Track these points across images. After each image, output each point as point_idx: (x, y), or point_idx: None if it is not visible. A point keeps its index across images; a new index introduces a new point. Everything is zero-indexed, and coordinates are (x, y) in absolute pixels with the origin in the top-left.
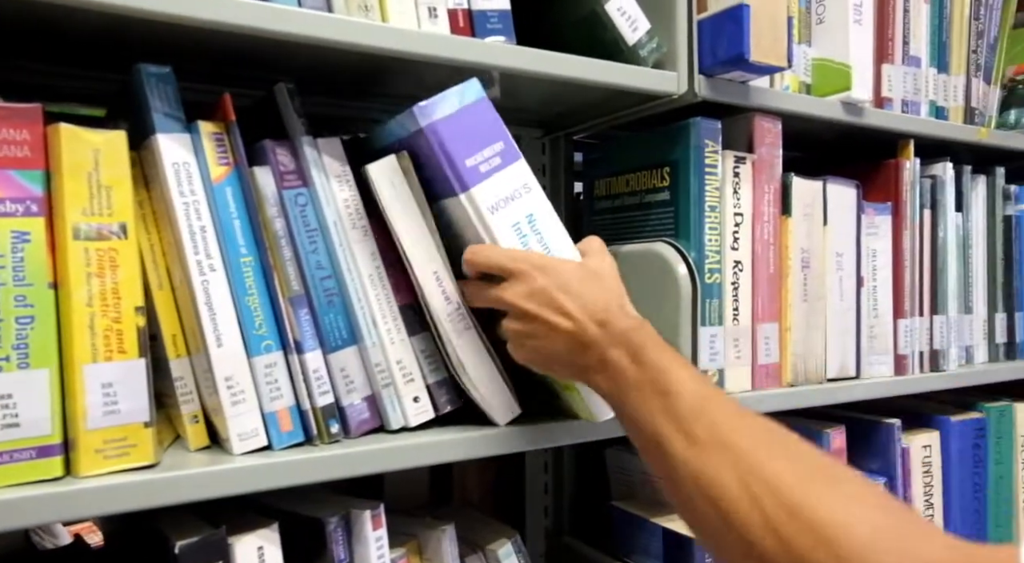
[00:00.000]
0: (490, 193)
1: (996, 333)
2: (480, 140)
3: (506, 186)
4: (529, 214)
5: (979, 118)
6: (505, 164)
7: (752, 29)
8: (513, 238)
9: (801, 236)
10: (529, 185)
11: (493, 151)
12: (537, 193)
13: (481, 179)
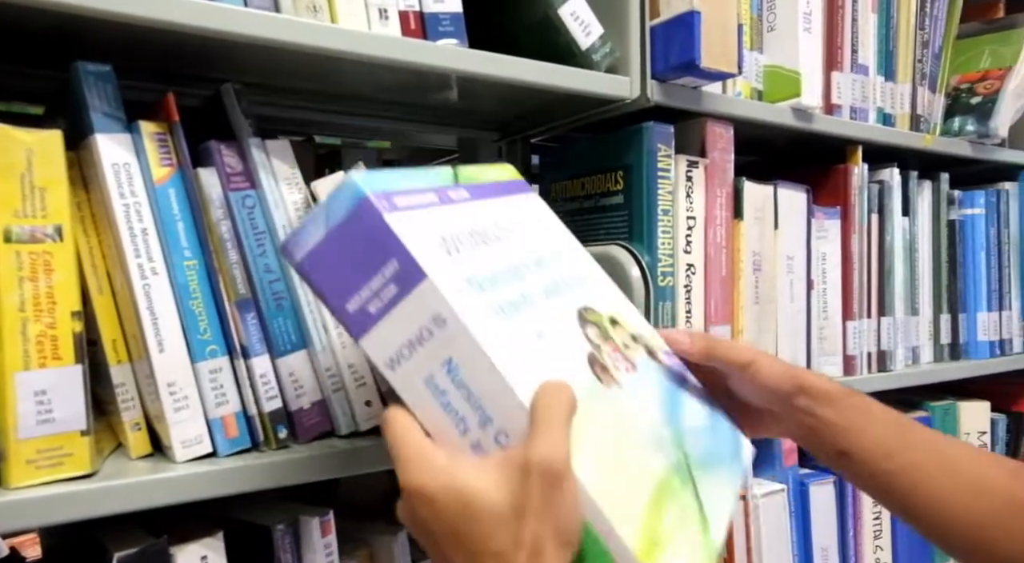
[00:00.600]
0: (386, 341)
1: (941, 334)
2: (363, 269)
3: (407, 326)
4: (447, 360)
5: (924, 125)
6: (404, 293)
7: (703, 36)
8: (431, 402)
9: (753, 239)
10: (443, 315)
11: (383, 279)
12: (455, 324)
13: (372, 324)
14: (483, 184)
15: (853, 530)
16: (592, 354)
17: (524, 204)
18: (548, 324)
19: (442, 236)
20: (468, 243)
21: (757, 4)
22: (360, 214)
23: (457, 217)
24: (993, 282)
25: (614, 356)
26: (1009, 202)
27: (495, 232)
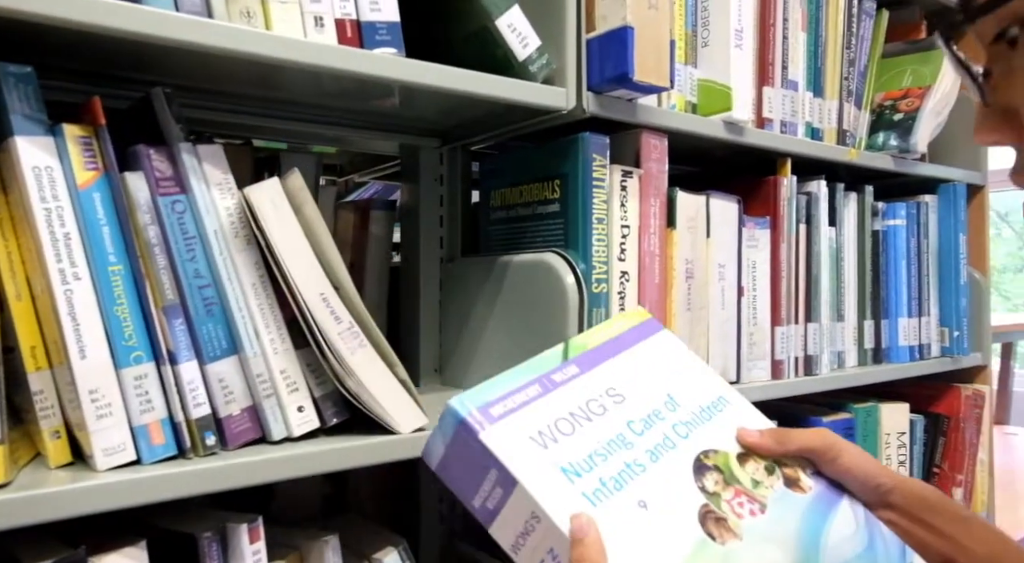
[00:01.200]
0: (506, 531)
1: (865, 339)
2: (476, 476)
3: (517, 520)
4: (549, 549)
5: (850, 139)
6: (507, 495)
7: (636, 50)
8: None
9: (685, 248)
10: (536, 513)
11: (491, 483)
12: (547, 521)
13: (493, 517)
14: (598, 347)
15: None
16: (705, 508)
17: (648, 351)
18: (654, 489)
19: (538, 431)
20: (566, 428)
21: (692, 20)
22: (461, 435)
23: (559, 402)
24: (913, 290)
25: (736, 502)
26: (929, 214)
27: (602, 403)
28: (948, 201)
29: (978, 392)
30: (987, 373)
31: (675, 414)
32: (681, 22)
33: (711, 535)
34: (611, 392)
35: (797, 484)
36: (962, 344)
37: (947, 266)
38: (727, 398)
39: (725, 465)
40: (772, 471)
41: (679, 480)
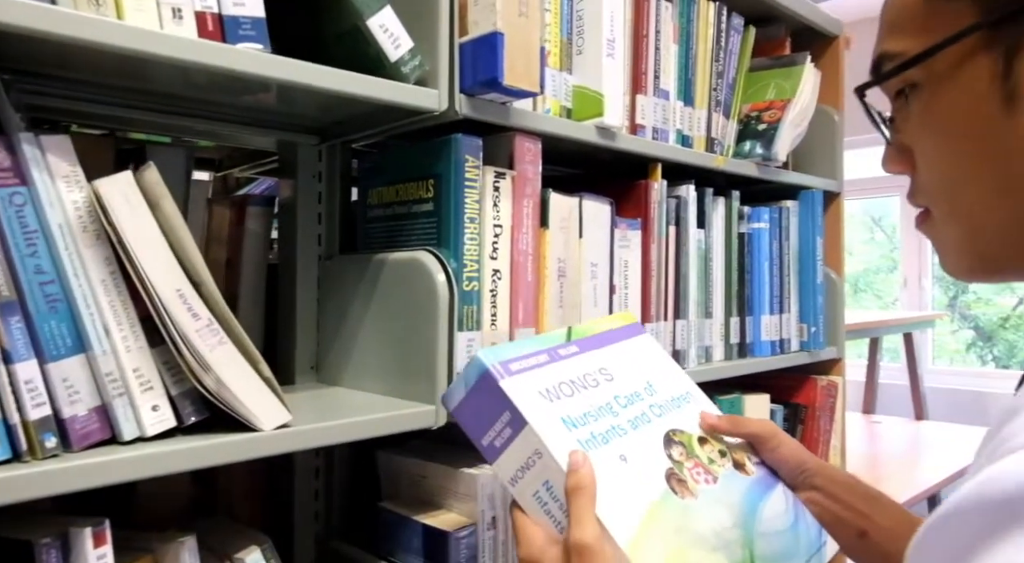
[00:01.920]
0: (507, 467)
1: (731, 334)
2: (489, 417)
3: (519, 457)
4: (544, 481)
5: (718, 147)
6: (515, 434)
7: (507, 56)
8: (537, 508)
9: (558, 247)
10: (539, 450)
11: (502, 424)
12: (548, 456)
13: (498, 454)
14: (594, 336)
15: None
16: (671, 470)
17: (633, 347)
18: (632, 449)
19: (546, 388)
20: (567, 390)
21: (567, 28)
22: (483, 382)
23: (562, 370)
24: (775, 289)
25: (694, 471)
26: (790, 218)
27: (595, 378)
28: (807, 207)
29: (832, 383)
30: (841, 365)
31: (652, 398)
32: (557, 30)
33: (674, 490)
34: (603, 371)
35: (743, 468)
36: (819, 339)
37: (806, 267)
38: (692, 394)
39: (688, 443)
40: (724, 454)
41: (652, 446)
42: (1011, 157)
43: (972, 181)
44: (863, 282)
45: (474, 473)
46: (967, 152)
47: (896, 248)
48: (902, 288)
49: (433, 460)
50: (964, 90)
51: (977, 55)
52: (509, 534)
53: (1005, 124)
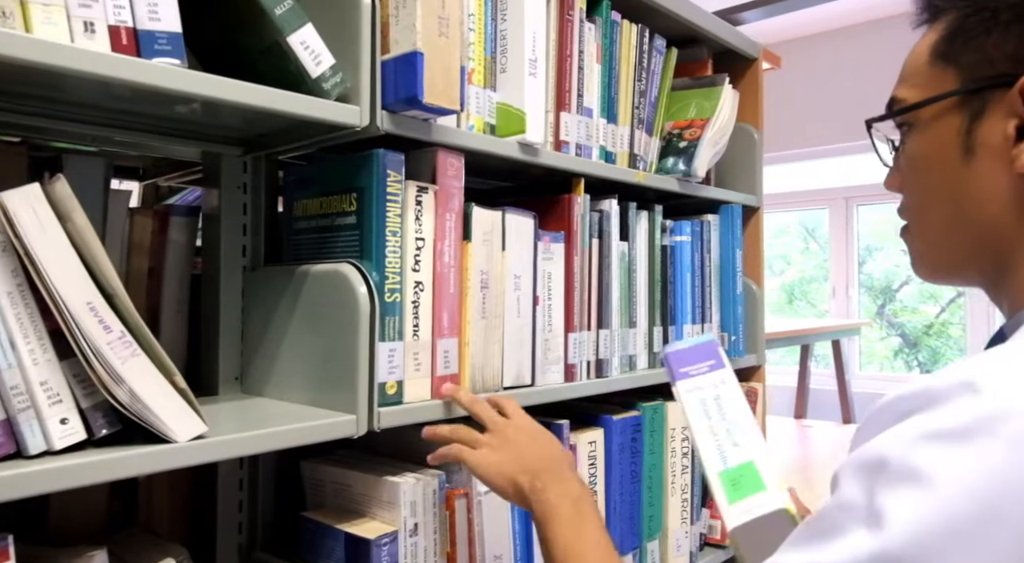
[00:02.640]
0: (691, 386)
1: (654, 343)
2: (696, 360)
3: (706, 382)
4: (716, 396)
5: (641, 163)
6: (712, 370)
7: (426, 74)
8: (699, 410)
9: (481, 260)
10: (726, 380)
11: (706, 364)
12: (731, 382)
13: (688, 378)
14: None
15: None
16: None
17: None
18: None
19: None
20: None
21: (491, 47)
22: (706, 344)
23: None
24: (697, 299)
25: None
26: (712, 231)
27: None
28: (727, 220)
29: (752, 389)
30: (762, 372)
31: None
32: (480, 48)
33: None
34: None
35: None
36: (739, 347)
37: (726, 278)
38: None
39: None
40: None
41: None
42: (962, 197)
43: (933, 209)
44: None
45: (396, 481)
46: (933, 186)
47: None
48: (831, 297)
49: (357, 469)
50: (937, 137)
51: (952, 113)
52: (431, 540)
53: (961, 171)
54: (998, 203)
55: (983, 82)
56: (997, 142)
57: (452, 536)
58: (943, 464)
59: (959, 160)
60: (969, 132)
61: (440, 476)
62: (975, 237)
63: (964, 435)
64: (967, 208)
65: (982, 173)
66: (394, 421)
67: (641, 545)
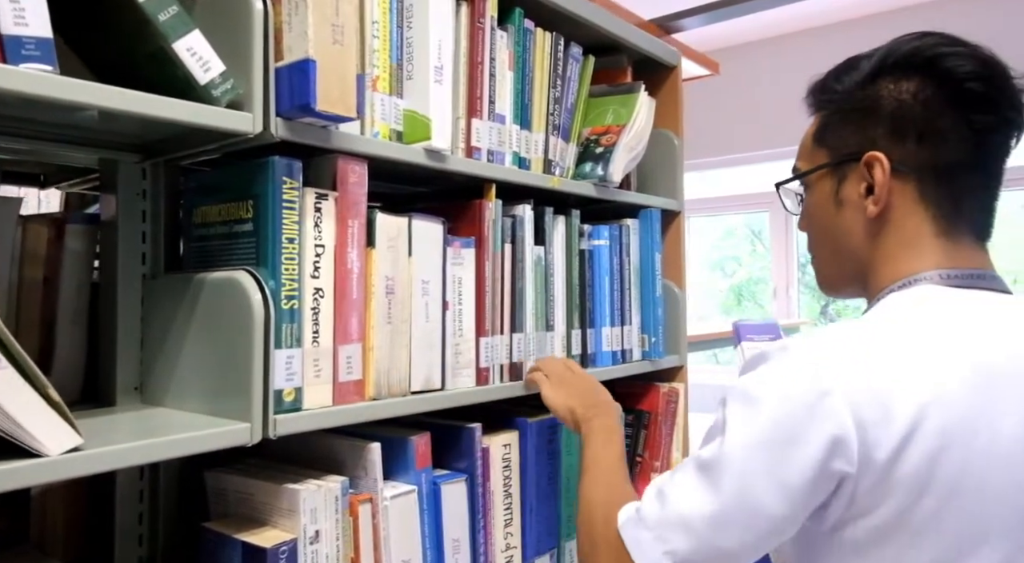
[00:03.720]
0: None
1: (572, 346)
2: (761, 333)
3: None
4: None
5: (556, 168)
6: (771, 340)
7: (320, 82)
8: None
9: (386, 266)
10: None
11: (767, 336)
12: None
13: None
14: None
15: (484, 521)
16: None
17: None
18: None
19: None
20: None
21: (397, 54)
22: (773, 323)
23: None
24: (616, 302)
25: None
26: (631, 235)
27: None
28: (647, 224)
29: (673, 389)
30: (684, 372)
31: None
32: (386, 55)
33: None
34: None
35: None
36: (659, 348)
37: (646, 281)
38: None
39: None
40: None
41: None
42: (838, 235)
43: (822, 245)
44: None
45: (296, 488)
46: (820, 229)
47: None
48: (773, 298)
49: (259, 477)
50: (820, 195)
51: (826, 178)
52: (333, 547)
53: (835, 218)
54: (859, 238)
55: (842, 158)
56: (855, 198)
57: (356, 542)
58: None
59: (834, 211)
60: (837, 192)
61: (343, 482)
62: (849, 262)
63: (750, 386)
64: (842, 243)
65: (847, 219)
66: (292, 428)
67: (559, 545)
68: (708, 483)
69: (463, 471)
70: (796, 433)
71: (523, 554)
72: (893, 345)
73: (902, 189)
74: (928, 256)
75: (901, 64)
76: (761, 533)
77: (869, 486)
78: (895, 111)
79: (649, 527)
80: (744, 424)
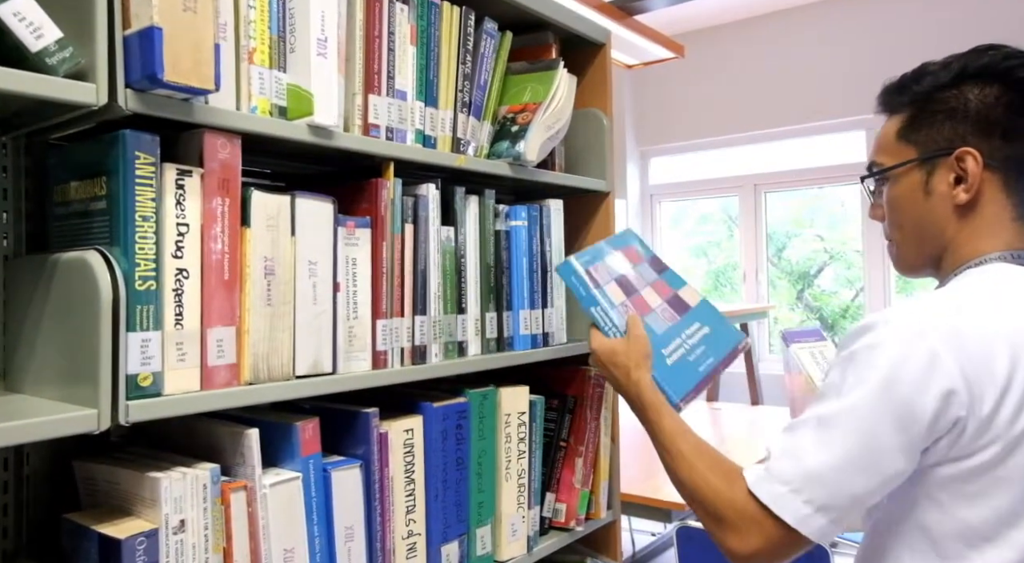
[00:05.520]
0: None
1: (487, 329)
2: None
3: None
4: (821, 351)
5: (465, 147)
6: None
7: (170, 51)
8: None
9: (265, 246)
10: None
11: (812, 339)
12: (830, 348)
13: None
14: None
15: (381, 508)
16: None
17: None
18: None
19: None
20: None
21: (278, 26)
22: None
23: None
24: (536, 284)
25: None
26: (552, 216)
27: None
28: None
29: (600, 374)
30: None
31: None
32: (264, 26)
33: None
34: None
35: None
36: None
37: None
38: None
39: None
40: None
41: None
42: (924, 222)
43: (905, 232)
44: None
45: (157, 476)
46: (905, 217)
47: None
48: (743, 282)
49: (125, 466)
50: (906, 186)
51: (914, 171)
52: (201, 536)
53: (924, 206)
54: (944, 223)
55: (933, 153)
56: (943, 188)
57: (228, 530)
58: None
59: (922, 200)
60: (927, 183)
61: (213, 469)
62: (931, 245)
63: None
64: (928, 229)
65: (936, 207)
66: (149, 414)
67: (469, 531)
68: (832, 436)
69: (359, 457)
70: (915, 388)
71: (428, 540)
72: (981, 312)
73: (990, 179)
74: (1002, 237)
75: (982, 73)
76: (887, 475)
77: (973, 433)
78: (980, 112)
79: (785, 481)
80: (862, 382)
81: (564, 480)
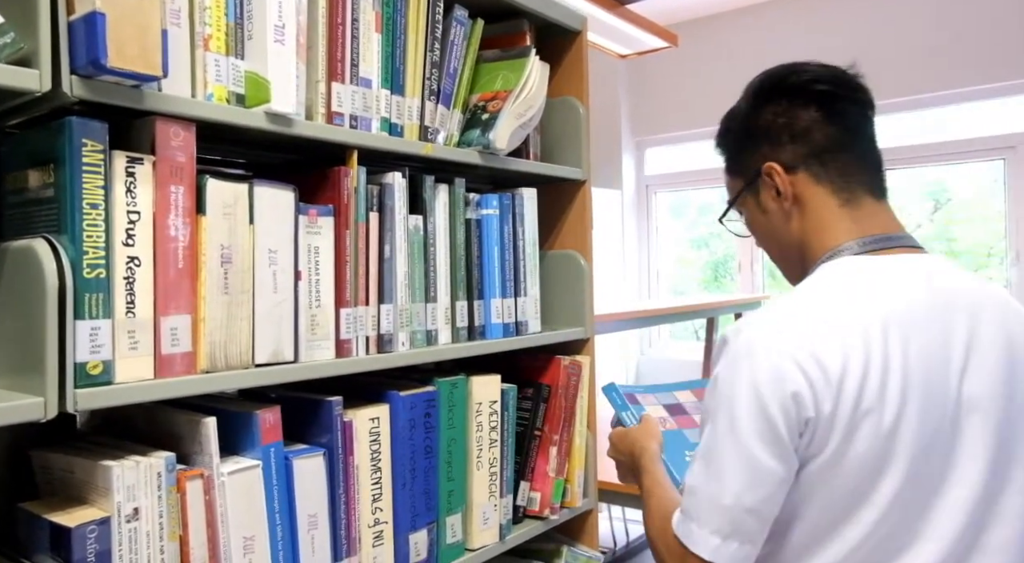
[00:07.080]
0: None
1: (458, 318)
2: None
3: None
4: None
5: (433, 135)
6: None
7: (114, 36)
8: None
9: (221, 234)
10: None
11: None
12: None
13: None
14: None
15: (346, 496)
16: None
17: None
18: None
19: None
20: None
21: (235, 13)
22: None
23: None
24: (508, 273)
25: None
26: (525, 204)
27: None
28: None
29: (575, 362)
30: (591, 344)
31: None
32: (220, 12)
33: None
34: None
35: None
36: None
37: None
38: None
39: None
40: None
41: None
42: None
43: (771, 250)
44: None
45: (109, 465)
46: (763, 238)
47: None
48: (738, 273)
49: (80, 455)
50: (750, 213)
51: (747, 198)
52: (155, 524)
53: (768, 224)
54: (787, 231)
55: (750, 178)
56: (772, 204)
57: (184, 519)
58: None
59: (764, 220)
60: (759, 204)
61: (168, 457)
62: (791, 253)
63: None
64: (780, 241)
65: (775, 220)
66: (99, 402)
67: (439, 519)
68: (716, 465)
69: (323, 445)
70: (768, 399)
71: (396, 529)
72: (820, 314)
73: (802, 180)
74: (840, 226)
75: (763, 94)
76: (773, 483)
77: (822, 432)
78: (768, 128)
79: (693, 518)
80: (725, 404)
81: (538, 469)
